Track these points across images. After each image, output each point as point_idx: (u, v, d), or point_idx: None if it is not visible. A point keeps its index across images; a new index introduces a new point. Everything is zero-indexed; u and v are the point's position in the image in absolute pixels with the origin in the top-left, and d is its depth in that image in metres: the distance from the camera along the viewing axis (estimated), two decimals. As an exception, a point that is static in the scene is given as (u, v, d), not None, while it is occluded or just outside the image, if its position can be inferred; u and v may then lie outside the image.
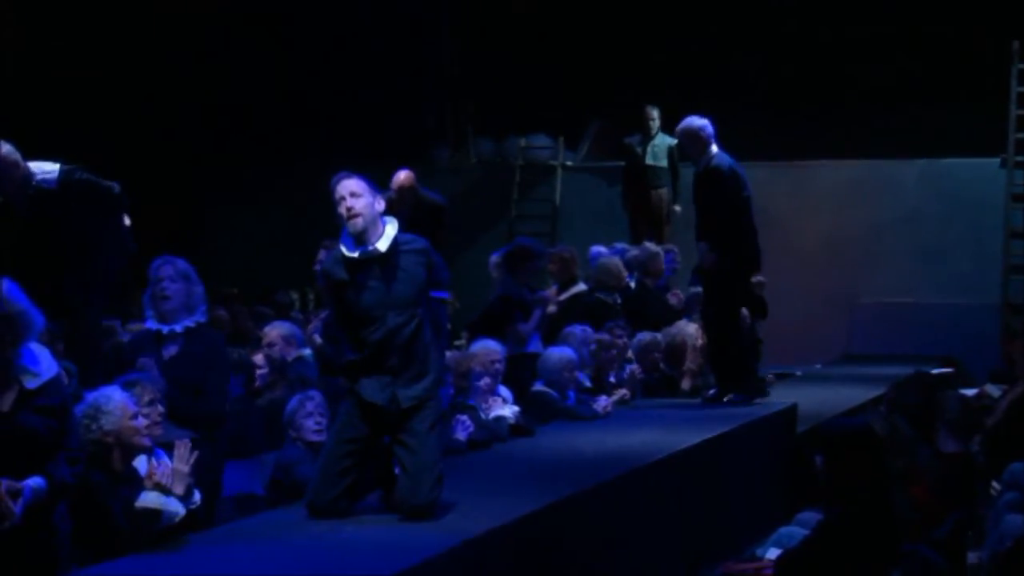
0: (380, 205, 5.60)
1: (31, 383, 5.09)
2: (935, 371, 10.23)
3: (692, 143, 9.56)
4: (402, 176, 10.93)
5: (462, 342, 11.08)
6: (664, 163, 14.59)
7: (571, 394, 9.00)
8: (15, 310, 5.03)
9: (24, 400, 5.06)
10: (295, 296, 14.08)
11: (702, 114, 9.66)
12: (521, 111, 17.75)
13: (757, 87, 17.24)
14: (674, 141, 14.67)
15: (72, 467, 5.14)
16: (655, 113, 14.66)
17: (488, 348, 8.36)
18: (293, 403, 7.18)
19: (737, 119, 17.04)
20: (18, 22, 15.95)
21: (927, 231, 16.34)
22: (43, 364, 5.15)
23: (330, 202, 5.63)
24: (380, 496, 5.77)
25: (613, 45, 17.71)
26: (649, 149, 14.60)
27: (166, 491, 5.21)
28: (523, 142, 17.91)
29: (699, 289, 12.20)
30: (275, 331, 9.42)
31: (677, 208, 14.57)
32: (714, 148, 9.44)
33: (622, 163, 15.13)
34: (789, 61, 17.40)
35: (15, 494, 4.90)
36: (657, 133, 14.65)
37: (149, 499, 5.18)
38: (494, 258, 11.24)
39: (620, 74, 17.05)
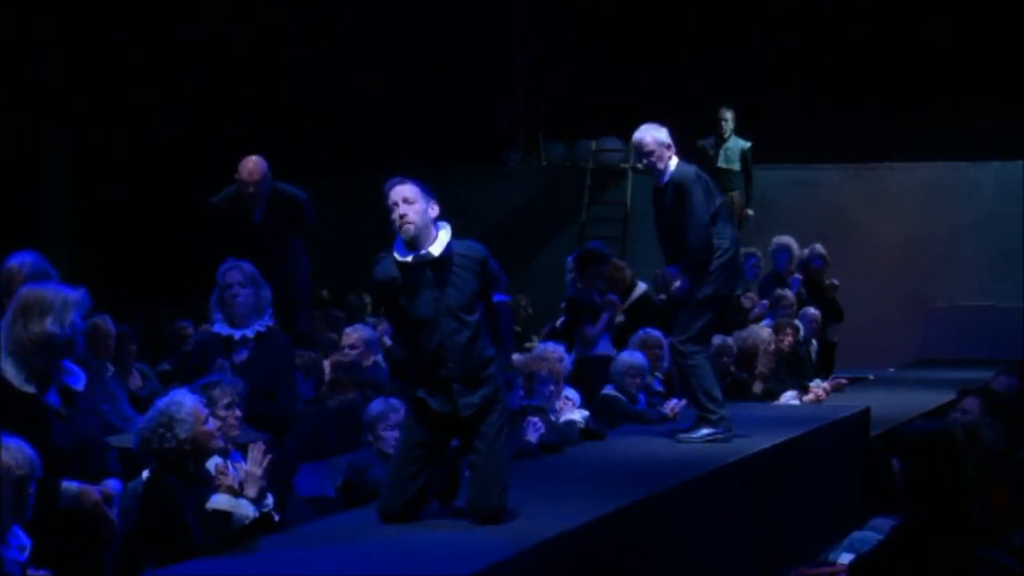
0: (434, 211, 5.52)
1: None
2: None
3: (661, 154, 7.90)
4: (250, 162, 9.50)
5: (532, 344, 11.09)
6: (737, 166, 14.49)
7: (641, 397, 8.97)
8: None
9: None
10: (367, 299, 14.12)
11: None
12: (592, 114, 17.73)
13: (832, 89, 17.08)
14: (748, 144, 14.60)
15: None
16: (729, 115, 14.54)
17: (549, 349, 8.38)
18: (376, 409, 7.05)
19: (812, 121, 16.97)
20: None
21: (1004, 233, 16.12)
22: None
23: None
24: (446, 500, 5.78)
25: (686, 46, 17.63)
26: (722, 152, 14.48)
27: (237, 493, 5.25)
28: (594, 145, 17.89)
29: (786, 292, 12.13)
30: (355, 334, 9.54)
31: (750, 212, 14.49)
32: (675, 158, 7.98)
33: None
34: (864, 62, 17.23)
35: (110, 500, 5.00)
36: (730, 135, 14.54)
37: (220, 501, 5.19)
38: (570, 261, 11.24)
39: (693, 75, 16.98)
